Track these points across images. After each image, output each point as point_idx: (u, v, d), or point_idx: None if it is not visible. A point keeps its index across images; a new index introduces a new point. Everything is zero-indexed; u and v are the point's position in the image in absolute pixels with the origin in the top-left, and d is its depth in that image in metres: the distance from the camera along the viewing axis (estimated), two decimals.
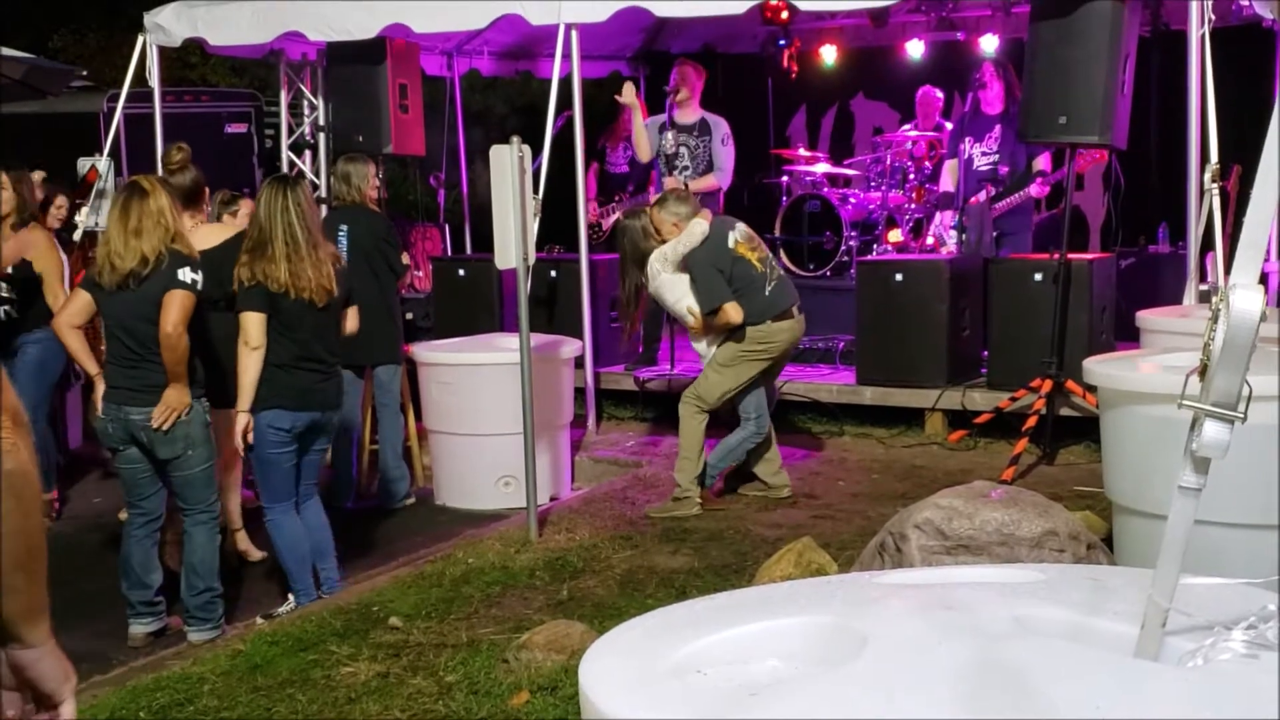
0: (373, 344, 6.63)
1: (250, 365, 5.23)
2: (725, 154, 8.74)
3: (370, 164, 7.22)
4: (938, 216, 9.19)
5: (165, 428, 5.06)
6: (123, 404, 5.11)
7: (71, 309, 5.30)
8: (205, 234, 5.88)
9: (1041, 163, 8.49)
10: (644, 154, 8.78)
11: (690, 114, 8.75)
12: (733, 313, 6.36)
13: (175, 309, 5.01)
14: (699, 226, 6.46)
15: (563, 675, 4.26)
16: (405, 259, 7.35)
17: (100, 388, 5.24)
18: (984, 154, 8.66)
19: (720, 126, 8.81)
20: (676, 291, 6.49)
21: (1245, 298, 1.96)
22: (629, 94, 8.69)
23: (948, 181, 9.02)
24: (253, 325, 5.25)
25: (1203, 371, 2.03)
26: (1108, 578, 2.64)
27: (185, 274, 5.06)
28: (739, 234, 6.56)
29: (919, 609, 2.34)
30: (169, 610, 5.42)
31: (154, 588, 5.34)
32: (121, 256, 5.03)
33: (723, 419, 6.86)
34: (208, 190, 6.22)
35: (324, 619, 5.05)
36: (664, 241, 6.52)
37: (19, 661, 1.84)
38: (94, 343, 5.63)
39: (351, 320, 5.62)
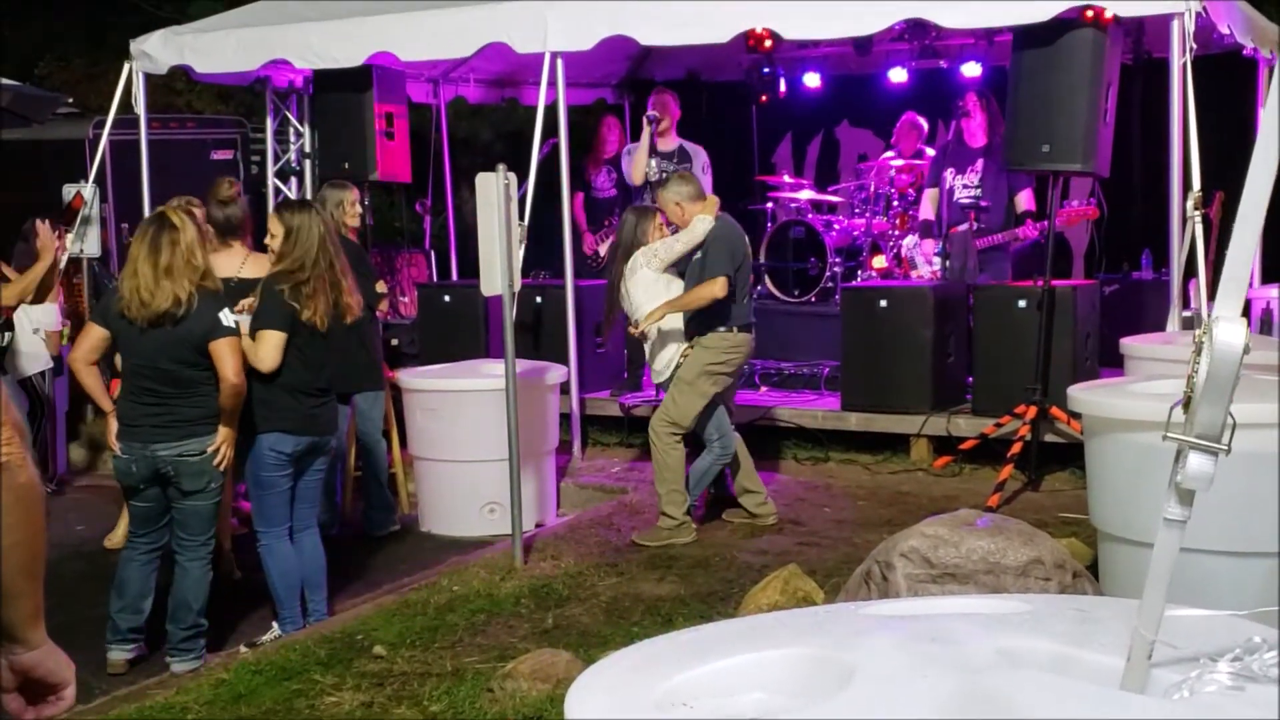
0: (349, 372, 6.62)
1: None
2: (704, 182, 8.76)
3: (349, 190, 7.17)
4: (910, 238, 9.21)
5: (223, 465, 5.14)
6: (148, 441, 5.08)
7: (87, 346, 5.24)
8: (224, 264, 5.88)
9: (1024, 201, 8.51)
10: (639, 177, 8.76)
11: (669, 142, 8.81)
12: (720, 288, 6.34)
13: (233, 357, 5.06)
14: (703, 224, 6.46)
15: (548, 704, 4.24)
16: (381, 287, 7.34)
17: (114, 425, 5.21)
18: (965, 186, 8.68)
19: (699, 155, 8.89)
20: (649, 294, 6.51)
21: (1228, 331, 1.97)
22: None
23: (928, 210, 9.05)
24: (273, 344, 5.26)
25: (1187, 403, 2.04)
26: (1093, 609, 2.64)
27: (226, 317, 5.10)
28: (746, 243, 6.67)
29: (905, 641, 2.34)
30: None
31: (145, 614, 5.34)
32: (152, 294, 5.01)
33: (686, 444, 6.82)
34: (250, 223, 6.32)
35: (308, 648, 5.03)
36: (672, 229, 6.54)
37: (25, 664, 1.93)
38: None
39: None
